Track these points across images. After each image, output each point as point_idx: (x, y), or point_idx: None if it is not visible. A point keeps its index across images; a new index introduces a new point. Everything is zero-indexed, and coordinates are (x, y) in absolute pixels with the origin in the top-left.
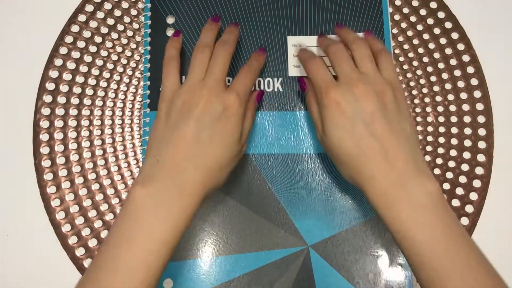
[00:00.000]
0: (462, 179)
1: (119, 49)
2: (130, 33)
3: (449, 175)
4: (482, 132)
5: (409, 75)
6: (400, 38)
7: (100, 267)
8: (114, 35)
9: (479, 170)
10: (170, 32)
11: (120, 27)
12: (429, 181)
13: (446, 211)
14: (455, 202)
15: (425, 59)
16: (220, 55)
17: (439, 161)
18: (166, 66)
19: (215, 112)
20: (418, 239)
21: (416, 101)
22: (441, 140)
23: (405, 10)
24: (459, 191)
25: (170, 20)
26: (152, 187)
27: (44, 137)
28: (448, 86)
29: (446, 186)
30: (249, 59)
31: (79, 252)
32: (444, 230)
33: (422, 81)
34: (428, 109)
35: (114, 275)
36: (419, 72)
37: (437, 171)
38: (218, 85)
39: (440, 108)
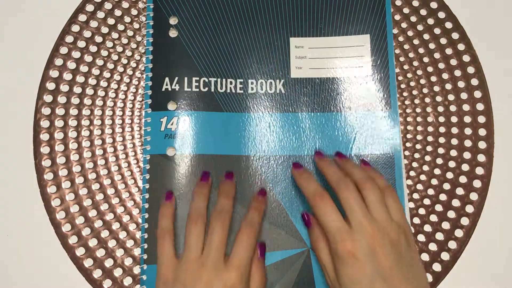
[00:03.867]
0: (463, 179)
1: (119, 49)
2: (130, 33)
3: (449, 175)
4: (482, 132)
5: (409, 75)
6: (401, 38)
7: None
8: (115, 35)
9: (479, 170)
10: (173, 33)
11: (120, 27)
12: None
13: None
14: (455, 202)
15: (426, 59)
16: (216, 228)
17: (439, 161)
18: (160, 240)
19: None
20: None
21: (416, 101)
22: (442, 140)
23: (406, 10)
24: (459, 191)
25: (173, 21)
26: None
27: (44, 136)
28: (448, 86)
29: (447, 186)
30: (248, 210)
31: (79, 252)
32: None
33: (422, 81)
34: (429, 109)
35: None
36: (419, 72)
37: (437, 171)
38: (217, 262)
39: (440, 108)
